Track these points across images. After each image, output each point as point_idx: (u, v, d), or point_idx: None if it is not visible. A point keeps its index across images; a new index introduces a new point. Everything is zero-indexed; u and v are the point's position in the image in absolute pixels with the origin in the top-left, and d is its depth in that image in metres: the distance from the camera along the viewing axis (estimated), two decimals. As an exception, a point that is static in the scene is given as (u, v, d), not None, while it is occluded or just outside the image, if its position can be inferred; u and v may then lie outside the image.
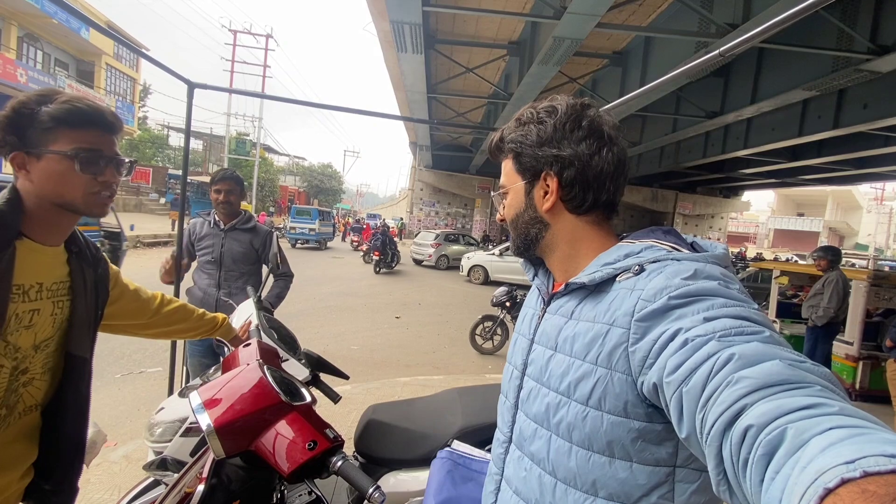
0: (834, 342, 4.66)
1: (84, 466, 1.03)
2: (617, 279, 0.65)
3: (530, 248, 0.79)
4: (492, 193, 0.88)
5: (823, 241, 40.47)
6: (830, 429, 0.37)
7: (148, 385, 3.87)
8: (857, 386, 4.65)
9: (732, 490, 0.43)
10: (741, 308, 0.54)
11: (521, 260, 0.85)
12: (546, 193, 0.74)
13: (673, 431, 0.55)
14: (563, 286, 0.73)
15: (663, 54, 8.39)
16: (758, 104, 8.86)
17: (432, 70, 11.12)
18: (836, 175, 16.50)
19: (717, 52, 1.45)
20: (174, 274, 2.54)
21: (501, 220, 0.83)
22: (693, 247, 0.69)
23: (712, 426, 0.45)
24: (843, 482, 0.31)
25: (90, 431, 1.28)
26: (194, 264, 2.63)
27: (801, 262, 15.19)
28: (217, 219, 2.55)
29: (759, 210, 56.63)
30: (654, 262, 0.64)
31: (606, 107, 2.85)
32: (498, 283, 11.97)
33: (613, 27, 7.82)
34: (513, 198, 0.79)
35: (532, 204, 0.76)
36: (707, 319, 0.53)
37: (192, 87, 2.49)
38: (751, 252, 29.48)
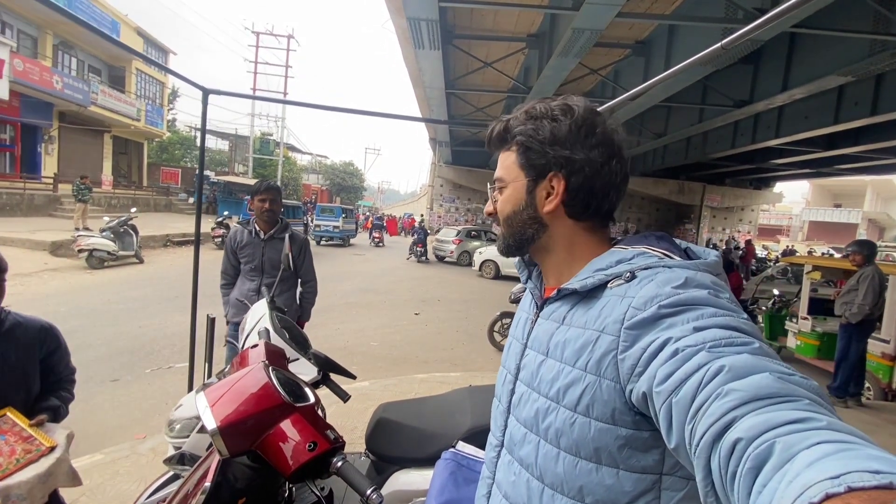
0: (869, 340, 4.46)
1: None
2: (608, 285, 0.65)
3: (523, 247, 0.77)
4: (488, 185, 0.83)
5: (862, 233, 38.64)
6: (818, 443, 0.37)
7: (176, 380, 4.01)
8: (894, 386, 4.45)
9: (720, 502, 0.44)
10: (731, 318, 0.54)
11: (517, 261, 0.84)
12: (549, 195, 0.72)
13: (660, 439, 0.55)
14: (555, 292, 0.72)
15: (689, 42, 8.12)
16: (790, 91, 8.49)
17: (450, 65, 11.07)
18: (876, 164, 15.70)
19: (718, 45, 1.40)
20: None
21: (490, 214, 0.80)
22: (687, 253, 0.69)
23: (701, 438, 0.45)
24: (828, 497, 0.31)
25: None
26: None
27: (837, 255, 14.57)
28: (257, 228, 2.70)
29: (793, 201, 54.32)
30: (645, 269, 0.64)
31: (624, 95, 2.78)
32: (507, 278, 11.93)
33: (635, 16, 7.62)
34: (511, 193, 0.76)
35: (533, 203, 0.74)
36: (697, 329, 0.53)
37: (206, 93, 2.56)
38: (777, 246, 28.25)
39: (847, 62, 7.06)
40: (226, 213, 15.46)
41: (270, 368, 0.97)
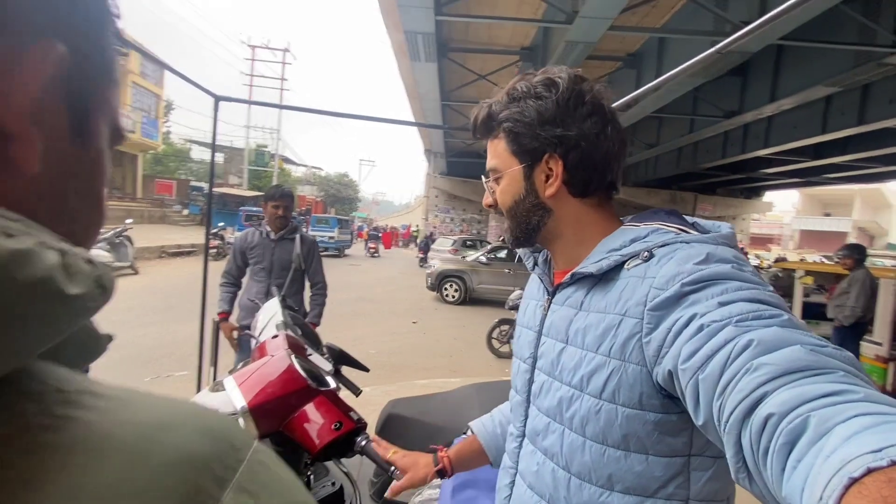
0: (862, 342, 4.53)
1: None
2: (625, 266, 0.63)
3: (531, 237, 0.74)
4: (483, 178, 0.79)
5: (852, 241, 39.16)
6: (855, 416, 0.35)
7: (175, 388, 4.00)
8: (889, 388, 4.51)
9: (752, 478, 0.43)
10: (756, 291, 0.52)
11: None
12: (548, 178, 0.69)
13: (688, 421, 0.54)
14: (568, 276, 0.69)
15: (678, 54, 8.32)
16: (777, 102, 8.69)
17: (446, 78, 11.22)
18: (863, 173, 16.01)
19: (713, 49, 1.47)
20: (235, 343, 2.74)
21: (490, 206, 0.76)
22: (695, 228, 0.66)
23: (731, 414, 0.44)
24: (870, 471, 0.30)
25: None
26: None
27: (827, 262, 14.75)
28: (268, 230, 2.79)
29: (783, 210, 55.09)
30: (662, 246, 0.61)
31: (616, 104, 2.87)
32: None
33: (626, 29, 7.79)
34: (509, 183, 0.73)
35: (533, 189, 0.71)
36: (722, 304, 0.51)
37: (217, 100, 2.61)
38: (770, 255, 28.58)
39: (833, 73, 7.26)
40: (221, 224, 15.45)
41: (293, 356, 1.00)
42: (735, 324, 0.48)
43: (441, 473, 0.89)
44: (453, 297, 9.93)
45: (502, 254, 10.25)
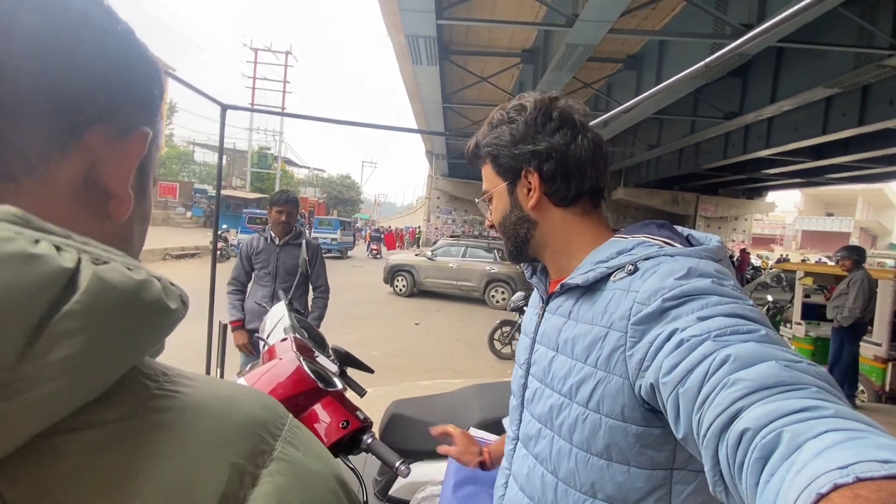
0: (861, 343, 4.56)
1: None
2: (611, 278, 0.65)
3: (522, 249, 0.79)
4: (477, 201, 0.86)
5: (855, 241, 39.07)
6: (825, 432, 0.37)
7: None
8: (887, 388, 4.54)
9: (728, 491, 0.44)
10: (736, 305, 0.54)
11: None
12: (529, 191, 0.74)
13: (671, 435, 0.55)
14: (558, 286, 0.73)
15: (678, 57, 8.37)
16: (778, 103, 8.72)
17: (447, 80, 11.28)
18: (865, 173, 15.99)
19: (702, 63, 1.52)
20: (248, 346, 2.80)
21: (490, 226, 0.83)
22: (689, 240, 0.68)
23: (708, 428, 0.45)
24: (836, 487, 0.31)
25: None
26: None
27: (828, 263, 14.77)
28: (273, 235, 2.83)
29: (786, 211, 55.03)
30: (646, 259, 0.63)
31: (617, 109, 2.92)
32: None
33: (626, 32, 7.83)
34: (497, 201, 0.79)
35: (517, 204, 0.76)
36: (701, 319, 0.53)
37: (224, 108, 2.65)
38: (772, 255, 28.54)
39: (833, 75, 7.29)
40: (224, 226, 15.57)
41: (301, 358, 1.05)
42: (714, 338, 0.50)
43: (482, 465, 0.99)
44: (401, 289, 10.69)
45: (457, 249, 11.03)
